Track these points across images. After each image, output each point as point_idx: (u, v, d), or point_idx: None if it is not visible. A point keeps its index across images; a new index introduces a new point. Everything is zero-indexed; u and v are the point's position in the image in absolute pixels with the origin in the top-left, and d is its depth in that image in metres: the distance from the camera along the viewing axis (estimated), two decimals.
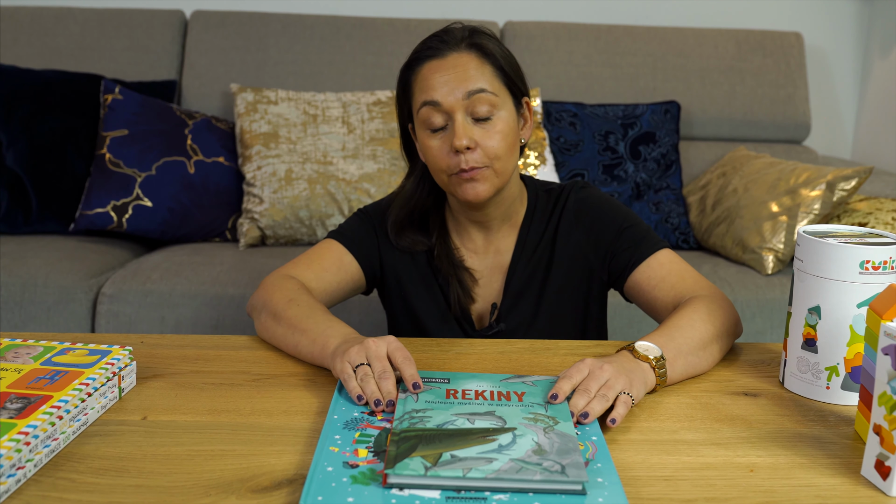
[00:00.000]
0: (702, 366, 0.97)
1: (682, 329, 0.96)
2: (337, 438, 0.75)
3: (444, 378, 0.88)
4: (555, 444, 0.73)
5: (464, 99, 1.05)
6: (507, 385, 0.87)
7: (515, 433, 0.75)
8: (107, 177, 2.09)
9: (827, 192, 1.93)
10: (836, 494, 0.70)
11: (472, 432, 0.75)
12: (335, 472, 0.69)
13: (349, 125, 2.21)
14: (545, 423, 0.77)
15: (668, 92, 2.52)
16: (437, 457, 0.70)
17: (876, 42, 2.76)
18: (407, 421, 0.77)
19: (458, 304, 1.17)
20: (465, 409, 0.80)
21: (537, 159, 2.22)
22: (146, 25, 2.48)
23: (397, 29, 2.50)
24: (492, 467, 0.68)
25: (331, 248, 1.17)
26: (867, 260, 0.86)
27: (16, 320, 1.81)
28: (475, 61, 1.07)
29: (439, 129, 1.07)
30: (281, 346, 1.02)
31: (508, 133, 1.08)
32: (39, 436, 0.71)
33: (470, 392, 0.85)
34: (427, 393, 0.84)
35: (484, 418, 0.78)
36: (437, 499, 0.65)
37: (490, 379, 0.89)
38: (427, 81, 1.07)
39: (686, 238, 2.22)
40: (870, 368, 0.76)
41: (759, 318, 1.86)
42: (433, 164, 1.10)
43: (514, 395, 0.84)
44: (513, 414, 0.79)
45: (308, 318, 0.99)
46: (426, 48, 1.09)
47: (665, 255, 1.12)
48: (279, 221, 2.10)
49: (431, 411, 0.80)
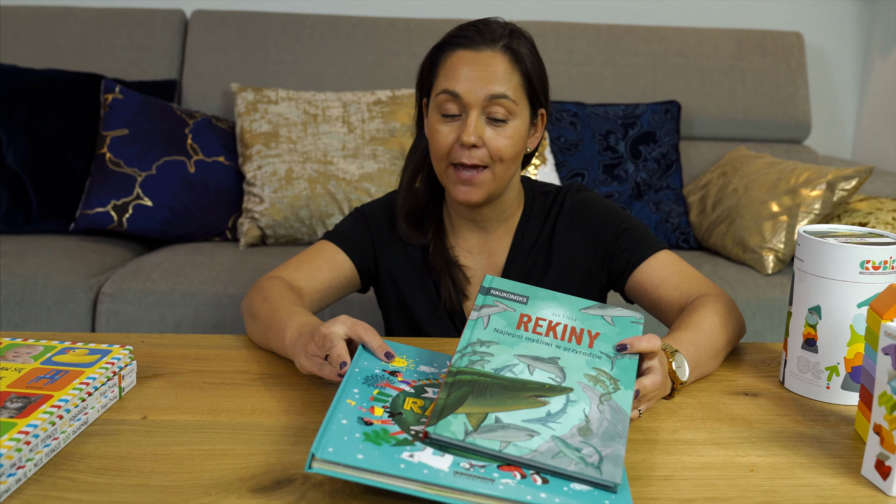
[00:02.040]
0: (712, 370, 0.98)
1: (704, 334, 0.96)
2: (355, 392, 0.76)
3: (523, 296, 0.84)
4: (603, 423, 0.71)
5: (485, 100, 1.05)
6: (584, 319, 0.83)
7: (569, 398, 0.73)
8: (107, 176, 2.09)
9: (827, 191, 1.93)
10: (837, 494, 0.70)
11: (526, 387, 0.74)
12: (349, 425, 0.69)
13: (349, 125, 2.21)
14: (604, 387, 0.75)
15: (669, 92, 2.52)
16: (482, 418, 0.70)
17: (876, 42, 2.76)
18: (468, 357, 0.76)
19: (450, 302, 1.17)
20: (530, 349, 0.78)
21: (537, 159, 2.22)
22: (146, 25, 2.48)
23: (398, 29, 2.50)
24: (530, 445, 0.68)
25: (323, 249, 1.18)
26: (867, 260, 0.86)
27: (16, 320, 1.81)
28: (506, 65, 1.06)
29: (451, 117, 1.07)
30: (260, 344, 1.04)
31: (517, 141, 1.08)
32: (40, 435, 0.71)
33: (543, 322, 0.81)
34: (499, 316, 0.81)
35: (545, 367, 0.76)
36: (445, 471, 0.65)
37: (569, 305, 0.84)
38: (454, 70, 1.06)
39: (686, 238, 2.22)
40: (870, 368, 0.76)
41: (759, 318, 1.86)
42: (436, 148, 1.09)
43: (586, 335, 0.81)
44: (576, 367, 0.77)
45: (274, 314, 1.01)
46: (463, 35, 1.08)
47: (665, 256, 1.13)
48: (279, 221, 2.10)
49: (496, 346, 0.78)
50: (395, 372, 0.83)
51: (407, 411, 0.74)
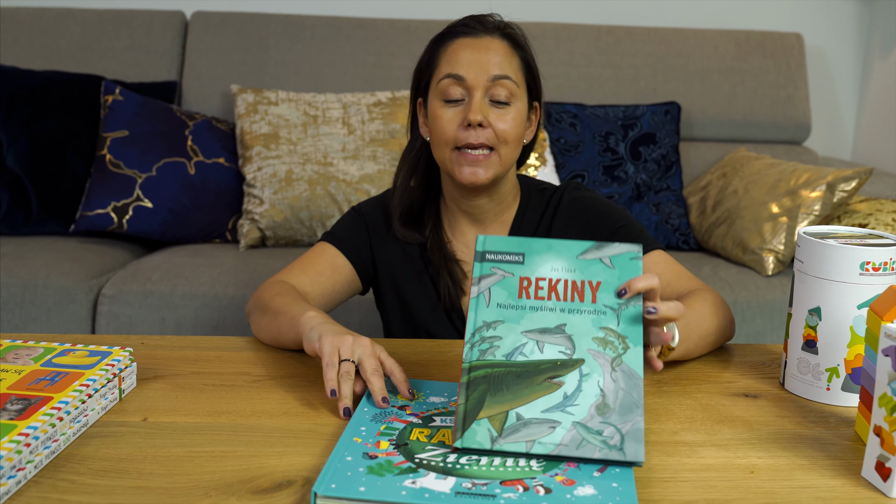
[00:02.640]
0: (697, 353, 1.00)
1: (694, 312, 0.98)
2: (362, 430, 0.76)
3: (518, 254, 0.83)
4: (619, 394, 0.74)
5: (488, 80, 1.08)
6: (582, 267, 0.82)
7: (582, 371, 0.76)
8: (107, 178, 2.09)
9: (827, 193, 1.93)
10: (837, 496, 0.70)
11: (539, 369, 0.76)
12: (353, 461, 0.70)
13: (349, 126, 2.21)
14: (614, 349, 0.77)
15: (669, 93, 2.52)
16: (504, 419, 0.73)
17: (876, 43, 2.76)
18: (477, 348, 0.78)
19: (448, 298, 1.17)
20: (535, 321, 0.79)
21: (537, 160, 2.22)
22: (146, 26, 2.48)
23: (398, 30, 2.50)
24: (553, 439, 0.72)
25: (324, 252, 1.18)
26: (867, 261, 0.86)
27: (16, 321, 1.81)
28: (506, 49, 1.11)
29: (454, 101, 1.09)
30: (268, 336, 1.04)
31: (519, 124, 1.11)
32: (40, 437, 0.71)
33: (544, 283, 0.81)
34: (499, 287, 0.81)
35: (553, 340, 0.78)
36: (447, 493, 0.65)
37: (566, 253, 0.82)
38: (456, 55, 1.10)
39: (686, 239, 2.22)
40: (870, 370, 0.76)
41: (759, 320, 1.86)
42: (440, 134, 1.10)
43: (588, 289, 0.80)
44: (583, 331, 0.78)
45: (292, 304, 1.01)
46: (462, 25, 1.12)
47: (659, 255, 1.14)
48: (279, 222, 2.10)
49: (502, 326, 0.79)
50: (405, 406, 0.83)
51: (413, 441, 0.75)
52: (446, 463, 0.70)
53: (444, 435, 0.76)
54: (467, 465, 0.70)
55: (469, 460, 0.71)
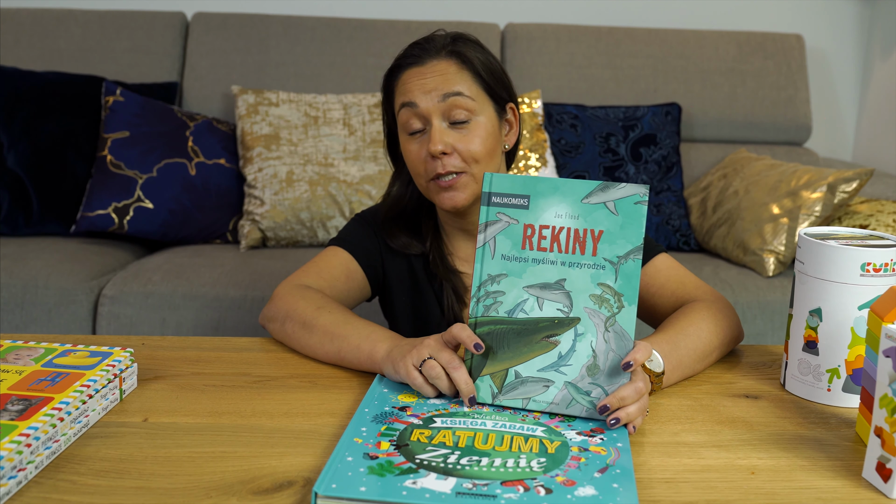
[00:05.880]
0: (696, 372, 0.98)
1: (688, 337, 0.95)
2: (363, 430, 0.76)
3: (524, 196, 0.84)
4: (609, 356, 0.80)
5: (440, 101, 1.06)
6: (586, 213, 0.82)
7: (577, 331, 0.81)
8: (108, 178, 2.09)
9: (828, 194, 1.93)
10: (838, 497, 0.70)
11: (538, 327, 0.82)
12: (354, 462, 0.70)
13: (350, 127, 2.21)
14: (609, 308, 0.81)
15: (669, 94, 2.52)
16: (504, 376, 0.82)
17: (877, 44, 2.76)
18: (482, 303, 0.84)
19: (452, 311, 1.17)
20: (537, 275, 0.83)
21: (538, 161, 2.22)
22: (147, 27, 2.49)
23: (398, 31, 2.50)
24: (546, 397, 0.81)
25: (337, 256, 1.16)
26: (868, 262, 0.86)
27: (17, 322, 1.81)
28: (453, 67, 1.08)
29: (417, 133, 1.09)
30: (317, 354, 1.00)
31: (487, 138, 1.09)
32: (40, 437, 0.71)
33: (547, 232, 0.83)
34: (504, 236, 0.84)
35: (553, 296, 0.82)
36: (447, 493, 0.65)
37: (570, 196, 0.83)
38: (406, 86, 1.09)
39: (687, 240, 2.22)
40: (871, 371, 0.76)
41: (759, 321, 1.86)
42: (412, 167, 1.11)
43: (590, 239, 0.81)
44: (581, 287, 0.82)
45: (345, 324, 0.98)
46: (407, 56, 1.11)
47: (662, 261, 1.12)
48: (280, 223, 2.10)
49: (505, 280, 0.84)
50: (405, 407, 0.83)
51: (413, 442, 0.75)
52: (447, 463, 0.71)
53: (445, 436, 0.76)
54: (468, 465, 0.70)
55: (470, 461, 0.71)
